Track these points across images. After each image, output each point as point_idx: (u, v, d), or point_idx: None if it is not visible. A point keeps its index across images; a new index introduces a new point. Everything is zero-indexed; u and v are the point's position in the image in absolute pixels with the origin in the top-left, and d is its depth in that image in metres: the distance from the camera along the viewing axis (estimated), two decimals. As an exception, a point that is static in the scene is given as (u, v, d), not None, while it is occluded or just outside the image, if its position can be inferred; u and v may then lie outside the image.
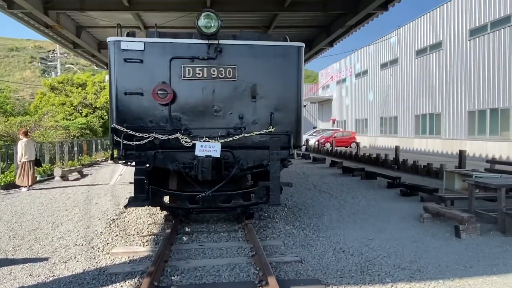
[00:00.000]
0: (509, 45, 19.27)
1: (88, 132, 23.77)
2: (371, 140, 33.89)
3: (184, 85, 5.91)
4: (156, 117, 5.92)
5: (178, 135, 5.84)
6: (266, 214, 7.47)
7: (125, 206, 5.74)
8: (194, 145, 5.83)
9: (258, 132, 6.02)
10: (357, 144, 20.65)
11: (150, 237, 6.11)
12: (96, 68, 24.73)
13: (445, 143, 24.21)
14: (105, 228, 6.79)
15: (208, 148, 5.77)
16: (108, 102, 6.18)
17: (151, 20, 14.58)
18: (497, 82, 19.99)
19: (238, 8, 13.08)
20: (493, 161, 10.00)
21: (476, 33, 21.56)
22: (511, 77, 19.19)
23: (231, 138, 5.92)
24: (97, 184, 12.40)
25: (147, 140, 5.78)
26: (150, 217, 7.46)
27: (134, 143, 5.78)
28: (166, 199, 6.71)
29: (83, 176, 14.57)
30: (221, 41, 5.95)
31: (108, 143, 24.29)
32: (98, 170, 16.67)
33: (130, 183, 12.38)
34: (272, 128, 6.03)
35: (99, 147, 21.90)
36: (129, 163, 6.19)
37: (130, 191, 10.74)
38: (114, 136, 5.81)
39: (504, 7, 19.58)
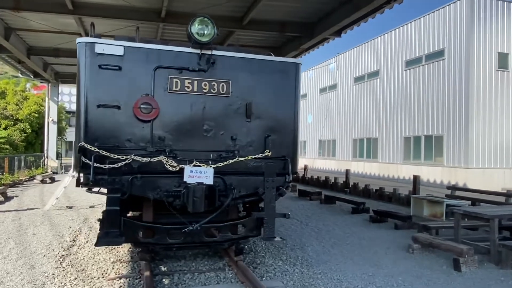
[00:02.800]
0: (442, 77, 20.71)
1: (7, 147, 21.00)
2: (309, 162, 34.41)
3: (170, 100, 5.06)
4: (135, 135, 4.97)
5: (162, 157, 4.94)
6: (246, 247, 6.69)
7: (96, 244, 4.65)
8: (181, 170, 4.97)
9: (254, 156, 5.32)
10: (305, 167, 20.57)
11: (121, 281, 5.04)
12: (21, 76, 22.23)
13: (382, 167, 25.20)
14: (57, 268, 5.55)
15: (199, 174, 4.94)
16: (75, 115, 5.10)
17: (96, 27, 13.29)
18: (431, 110, 21.31)
19: (194, 21, 12.33)
20: (453, 188, 10.25)
21: (412, 64, 22.96)
22: (444, 106, 20.56)
23: (225, 163, 5.15)
24: (28, 209, 10.64)
25: (123, 163, 4.81)
26: (110, 253, 6.31)
27: (107, 166, 4.77)
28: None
29: (7, 198, 12.54)
30: (215, 52, 5.23)
31: (33, 160, 21.72)
32: (24, 191, 14.56)
33: (68, 207, 10.89)
34: (269, 152, 5.37)
35: (22, 164, 19.39)
36: (98, 191, 5.15)
37: (71, 218, 9.36)
38: (82, 158, 4.75)
39: (438, 41, 21.10)
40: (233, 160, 5.20)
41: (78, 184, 4.96)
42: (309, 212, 10.81)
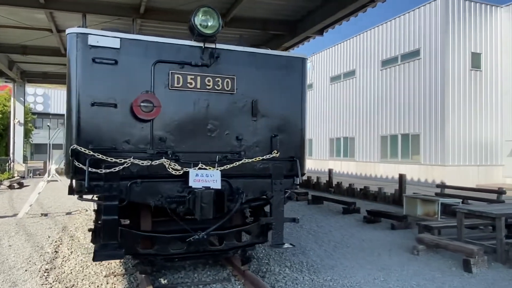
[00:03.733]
0: (418, 76, 21.03)
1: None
2: (285, 162, 34.31)
3: (171, 97, 4.63)
4: (134, 136, 4.51)
5: (164, 160, 4.50)
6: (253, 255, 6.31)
7: (94, 259, 4.15)
8: (185, 174, 4.55)
9: (261, 158, 4.96)
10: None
11: (120, 297, 4.57)
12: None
13: (359, 165, 25.39)
14: (43, 285, 5.00)
15: (206, 178, 4.54)
16: (65, 115, 4.57)
17: (67, 23, 12.51)
18: (408, 110, 21.60)
19: (174, 18, 11.91)
20: (442, 186, 10.26)
21: (388, 64, 23.23)
22: (420, 105, 20.88)
23: (232, 165, 4.77)
24: (-1, 218, 9.84)
25: (121, 167, 4.34)
26: (100, 265, 5.79)
27: (103, 171, 4.29)
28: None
29: (-27, 206, 11.60)
30: (218, 46, 4.84)
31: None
32: (-10, 198, 13.57)
33: (43, 215, 10.16)
34: (277, 153, 5.03)
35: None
36: (91, 198, 4.66)
37: (48, 226, 8.70)
38: (75, 162, 4.25)
39: (413, 41, 21.41)
40: (240, 162, 4.83)
41: (70, 191, 4.45)
42: (299, 213, 10.55)
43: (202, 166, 4.61)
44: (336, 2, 10.78)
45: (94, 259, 4.11)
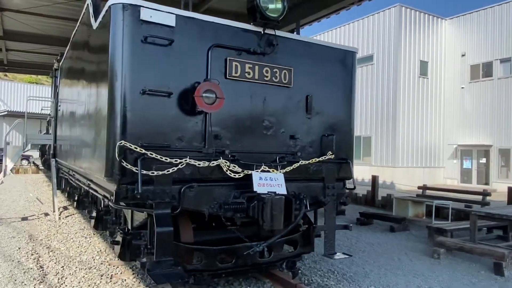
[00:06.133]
0: (371, 81, 21.80)
1: None
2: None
3: (227, 88, 3.99)
4: (188, 132, 3.82)
5: (221, 161, 3.87)
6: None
7: (158, 282, 3.39)
8: (245, 177, 3.96)
9: (318, 159, 4.51)
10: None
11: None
12: None
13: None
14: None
15: (270, 182, 3.98)
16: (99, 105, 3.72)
17: (10, 2, 10.99)
18: (360, 112, 22.27)
19: None
20: (424, 187, 10.54)
21: (341, 67, 23.76)
22: (372, 109, 21.65)
23: (292, 167, 4.26)
24: None
25: (175, 168, 3.64)
26: (108, 282, 4.91)
27: (155, 173, 3.56)
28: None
29: None
30: (277, 33, 4.30)
31: None
32: None
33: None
34: (332, 154, 4.61)
35: None
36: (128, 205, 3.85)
37: (11, 235, 7.45)
38: (123, 162, 3.47)
39: (368, 47, 22.14)
40: (299, 164, 4.34)
41: (117, 200, 3.60)
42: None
43: (265, 168, 4.04)
44: (318, 1, 10.65)
45: (157, 282, 3.36)
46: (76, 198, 7.40)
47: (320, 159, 4.52)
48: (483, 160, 20.95)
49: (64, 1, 10.68)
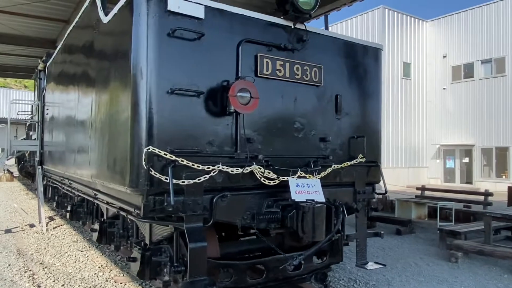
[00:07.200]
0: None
1: None
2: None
3: (258, 87, 3.63)
4: (218, 136, 3.46)
5: (255, 167, 3.52)
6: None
7: None
8: (278, 184, 3.63)
9: (350, 163, 4.22)
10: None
11: None
12: None
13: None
14: None
15: (308, 189, 3.66)
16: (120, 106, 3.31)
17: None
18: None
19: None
20: (422, 188, 10.45)
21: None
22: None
23: (326, 171, 3.95)
24: None
25: (208, 176, 3.27)
26: (116, 285, 4.48)
27: (185, 182, 3.17)
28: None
29: None
30: (308, 28, 3.99)
31: None
32: None
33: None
34: (363, 158, 4.33)
35: None
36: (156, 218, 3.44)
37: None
38: (151, 171, 3.07)
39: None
40: (332, 168, 4.04)
41: (146, 213, 3.17)
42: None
43: (301, 173, 3.71)
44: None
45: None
46: (69, 209, 6.84)
47: (352, 162, 4.23)
48: (466, 160, 21.31)
49: (44, -1, 10.06)
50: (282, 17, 3.86)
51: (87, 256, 6.32)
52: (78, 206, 6.72)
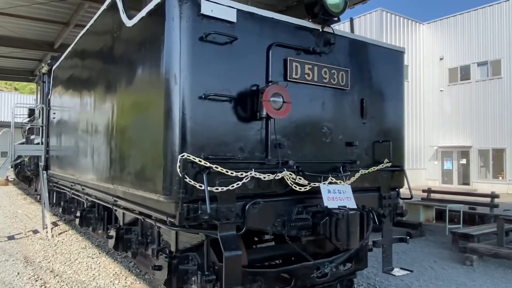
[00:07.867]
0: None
1: None
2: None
3: (288, 91, 3.59)
4: (249, 141, 3.39)
5: (286, 173, 3.45)
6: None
7: None
8: (308, 190, 3.57)
9: (376, 168, 4.18)
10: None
11: None
12: None
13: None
14: None
15: (339, 195, 3.60)
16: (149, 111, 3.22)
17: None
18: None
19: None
20: (428, 191, 10.46)
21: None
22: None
23: (355, 177, 3.90)
24: None
25: (241, 183, 3.20)
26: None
27: (219, 189, 3.10)
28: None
29: None
30: (335, 31, 3.95)
31: None
32: None
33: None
34: (389, 162, 4.29)
35: None
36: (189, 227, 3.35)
37: (4, 258, 6.68)
38: (185, 178, 2.99)
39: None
40: (360, 173, 3.99)
41: (181, 222, 3.08)
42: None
43: (332, 179, 3.65)
44: None
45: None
46: (78, 214, 6.70)
47: (379, 167, 4.19)
48: (463, 161, 21.46)
49: (45, 1, 9.92)
50: (310, 20, 3.81)
51: (99, 263, 6.20)
52: (88, 212, 6.59)
